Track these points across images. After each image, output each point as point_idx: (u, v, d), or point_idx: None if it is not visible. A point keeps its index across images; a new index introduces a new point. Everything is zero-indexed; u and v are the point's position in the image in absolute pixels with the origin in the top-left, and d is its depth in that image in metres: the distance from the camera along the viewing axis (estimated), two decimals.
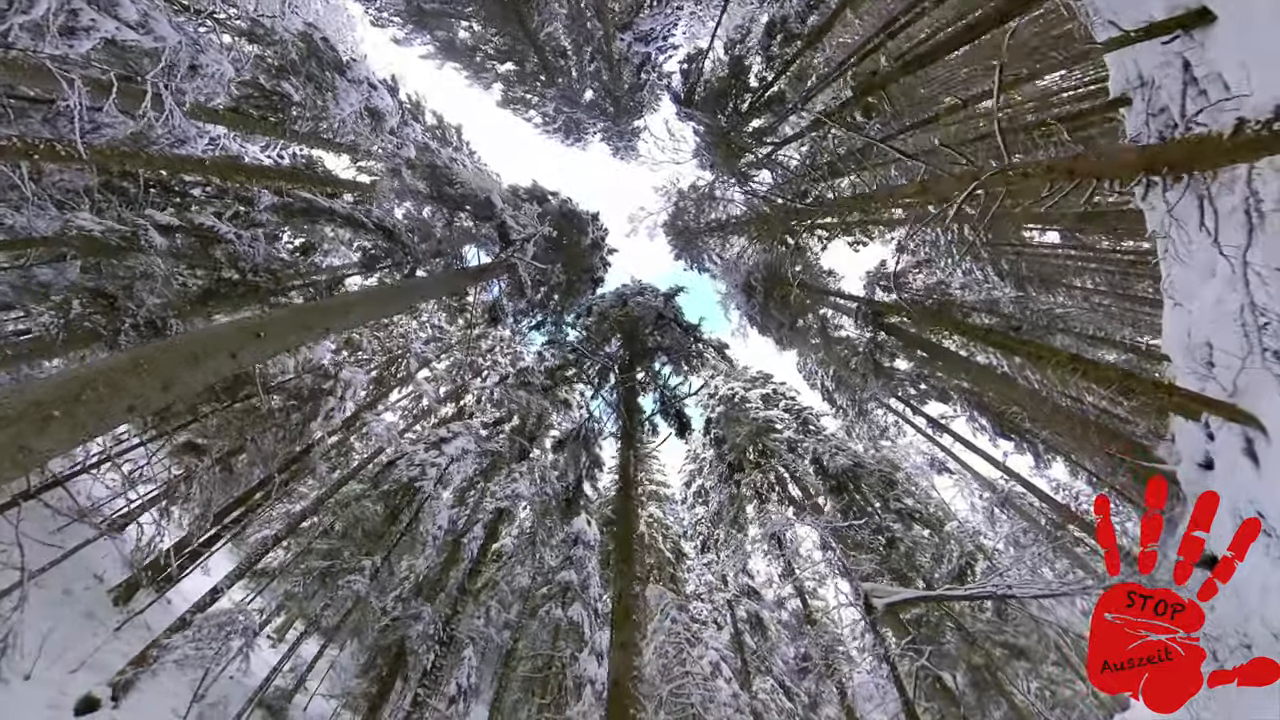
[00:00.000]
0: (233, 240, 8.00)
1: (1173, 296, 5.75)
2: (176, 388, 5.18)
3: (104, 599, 10.52)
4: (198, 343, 6.37)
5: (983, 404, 14.14)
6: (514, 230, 9.43)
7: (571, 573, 13.60)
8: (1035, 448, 13.51)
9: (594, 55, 12.90)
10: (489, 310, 10.83)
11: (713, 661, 14.66)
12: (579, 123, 13.84)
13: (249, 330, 6.25)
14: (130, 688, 9.12)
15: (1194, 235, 4.60)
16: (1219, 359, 4.74)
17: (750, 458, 13.39)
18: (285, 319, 6.59)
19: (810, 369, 16.77)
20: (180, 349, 6.19)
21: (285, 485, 14.41)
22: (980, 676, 12.82)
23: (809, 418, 15.35)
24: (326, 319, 7.09)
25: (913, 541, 13.97)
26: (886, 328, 14.31)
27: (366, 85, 12.31)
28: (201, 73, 10.62)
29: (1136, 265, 11.79)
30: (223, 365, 5.78)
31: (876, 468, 15.27)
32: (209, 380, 6.16)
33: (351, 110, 11.43)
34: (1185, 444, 5.77)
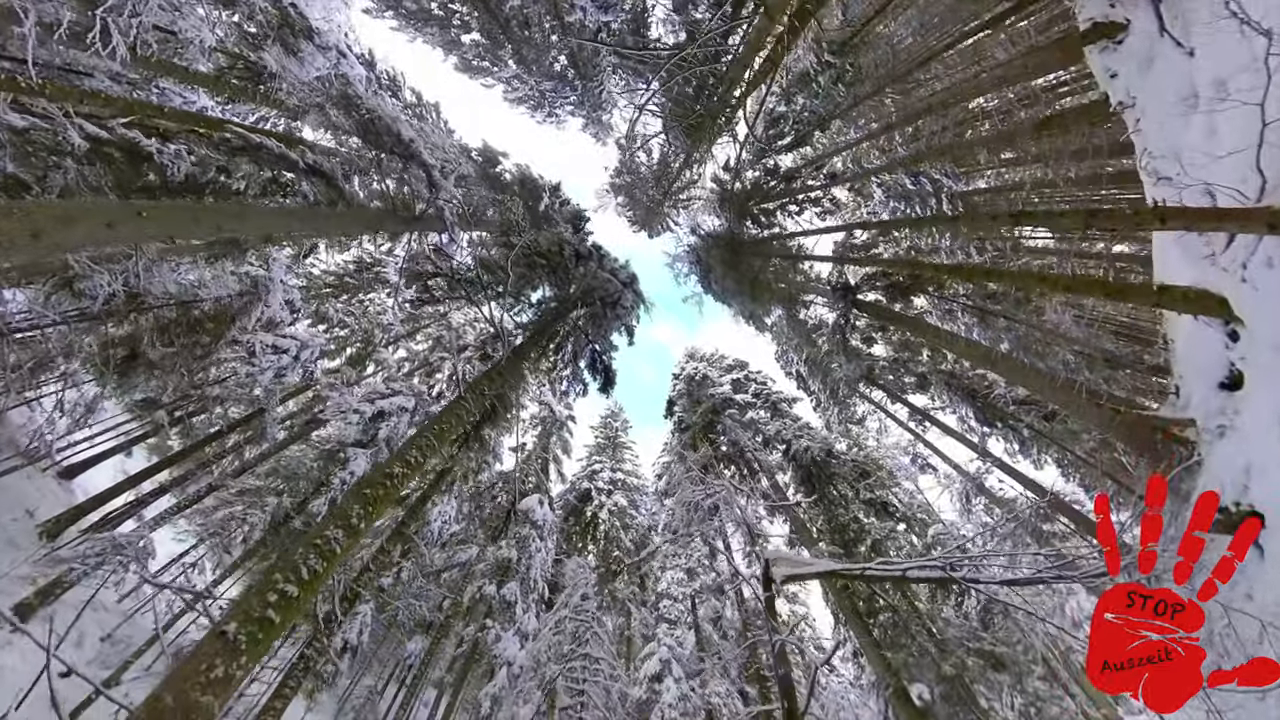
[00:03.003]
0: (155, 154, 8.14)
1: (1154, 170, 4.86)
2: (45, 240, 5.22)
3: (31, 532, 10.57)
4: (76, 206, 6.51)
5: (963, 388, 13.03)
6: (434, 168, 9.31)
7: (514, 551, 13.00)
8: (1019, 434, 12.28)
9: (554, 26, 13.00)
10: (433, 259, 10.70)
11: (663, 659, 13.64)
12: (545, 94, 13.91)
13: (131, 208, 6.31)
14: (32, 613, 9.01)
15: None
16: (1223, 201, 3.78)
17: (705, 434, 12.63)
18: (173, 207, 6.61)
19: (786, 356, 15.98)
20: (55, 207, 6.32)
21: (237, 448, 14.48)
22: (954, 690, 11.40)
23: (778, 402, 14.51)
24: (218, 218, 7.06)
25: (885, 534, 12.77)
26: (859, 304, 13.51)
27: (335, 52, 12.70)
28: (180, 38, 11.19)
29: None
30: (98, 232, 5.92)
31: (850, 457, 14.21)
32: (83, 242, 6.17)
33: (317, 75, 11.75)
34: (1196, 362, 4.85)
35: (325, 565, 4.59)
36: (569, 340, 10.49)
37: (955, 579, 4.78)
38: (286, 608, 4.16)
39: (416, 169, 9.49)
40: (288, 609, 4.18)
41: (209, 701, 3.40)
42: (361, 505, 5.10)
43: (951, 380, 13.23)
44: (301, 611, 4.58)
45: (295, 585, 4.27)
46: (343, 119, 8.98)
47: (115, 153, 8.59)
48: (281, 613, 4.11)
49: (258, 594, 4.20)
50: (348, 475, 9.74)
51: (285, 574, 4.33)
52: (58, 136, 8.02)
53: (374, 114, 8.95)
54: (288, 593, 4.20)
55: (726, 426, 12.58)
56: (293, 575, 4.33)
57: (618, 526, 16.39)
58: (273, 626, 4.04)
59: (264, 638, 3.98)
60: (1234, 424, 4.26)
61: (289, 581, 4.26)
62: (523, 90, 13.90)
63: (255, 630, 3.92)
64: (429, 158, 9.31)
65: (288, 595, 4.19)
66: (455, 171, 9.19)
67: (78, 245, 5.78)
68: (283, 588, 4.20)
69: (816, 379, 14.63)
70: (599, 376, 9.66)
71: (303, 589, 4.35)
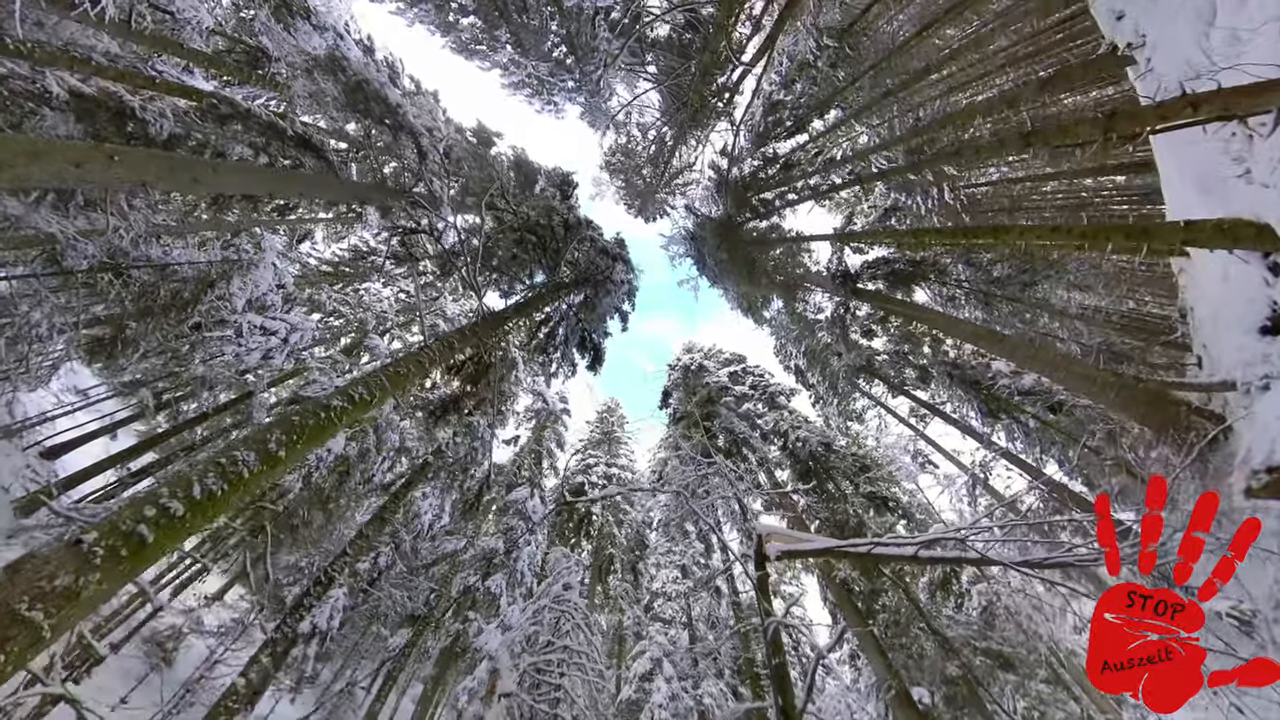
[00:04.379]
0: (138, 110, 7.99)
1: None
2: (8, 172, 5.10)
3: (7, 508, 10.33)
4: (44, 143, 6.38)
5: (965, 379, 12.63)
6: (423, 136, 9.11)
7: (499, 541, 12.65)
8: (1024, 425, 11.85)
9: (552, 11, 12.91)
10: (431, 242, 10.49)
11: (654, 658, 13.19)
12: (543, 79, 13.81)
13: (103, 150, 6.13)
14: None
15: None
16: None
17: (700, 423, 12.29)
18: (147, 154, 6.45)
19: (785, 350, 15.65)
20: (23, 141, 6.17)
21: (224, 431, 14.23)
22: (958, 692, 10.89)
23: (776, 394, 14.17)
24: (194, 170, 6.90)
25: (884, 529, 12.33)
26: (859, 293, 13.21)
27: (333, 33, 12.63)
28: (178, 17, 11.17)
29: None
30: (65, 171, 5.79)
31: (850, 451, 13.81)
32: (49, 179, 6.02)
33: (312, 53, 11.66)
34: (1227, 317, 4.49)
35: (226, 489, 4.01)
36: (560, 325, 10.22)
37: (969, 559, 4.38)
38: (167, 527, 3.63)
39: (406, 139, 9.32)
40: (168, 529, 3.64)
41: (36, 617, 2.84)
42: (285, 432, 4.59)
43: (954, 371, 12.84)
44: (186, 535, 3.94)
45: (183, 505, 3.72)
46: (331, 86, 8.83)
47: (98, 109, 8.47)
48: (158, 532, 3.56)
49: (134, 507, 3.61)
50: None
51: (174, 489, 3.79)
52: (36, 84, 7.90)
53: (360, 78, 8.79)
54: (171, 511, 3.65)
55: (722, 415, 12.24)
56: (182, 492, 3.78)
57: (611, 522, 15.99)
58: (144, 546, 3.49)
59: (129, 556, 3.40)
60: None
61: (176, 498, 3.71)
62: (520, 75, 13.80)
63: (120, 545, 3.34)
64: (417, 125, 9.13)
65: (171, 514, 3.65)
66: (445, 141, 8.97)
67: (43, 181, 5.63)
68: (167, 504, 3.65)
69: (815, 371, 14.29)
70: (588, 354, 9.37)
71: (192, 510, 3.79)
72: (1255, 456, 4.22)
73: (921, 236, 7.52)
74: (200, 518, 3.90)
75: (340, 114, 9.44)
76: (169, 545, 3.76)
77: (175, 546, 4.31)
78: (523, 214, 8.63)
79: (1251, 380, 4.46)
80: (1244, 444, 4.48)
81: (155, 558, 3.72)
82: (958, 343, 12.22)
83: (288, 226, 14.64)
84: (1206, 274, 5.44)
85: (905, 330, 13.87)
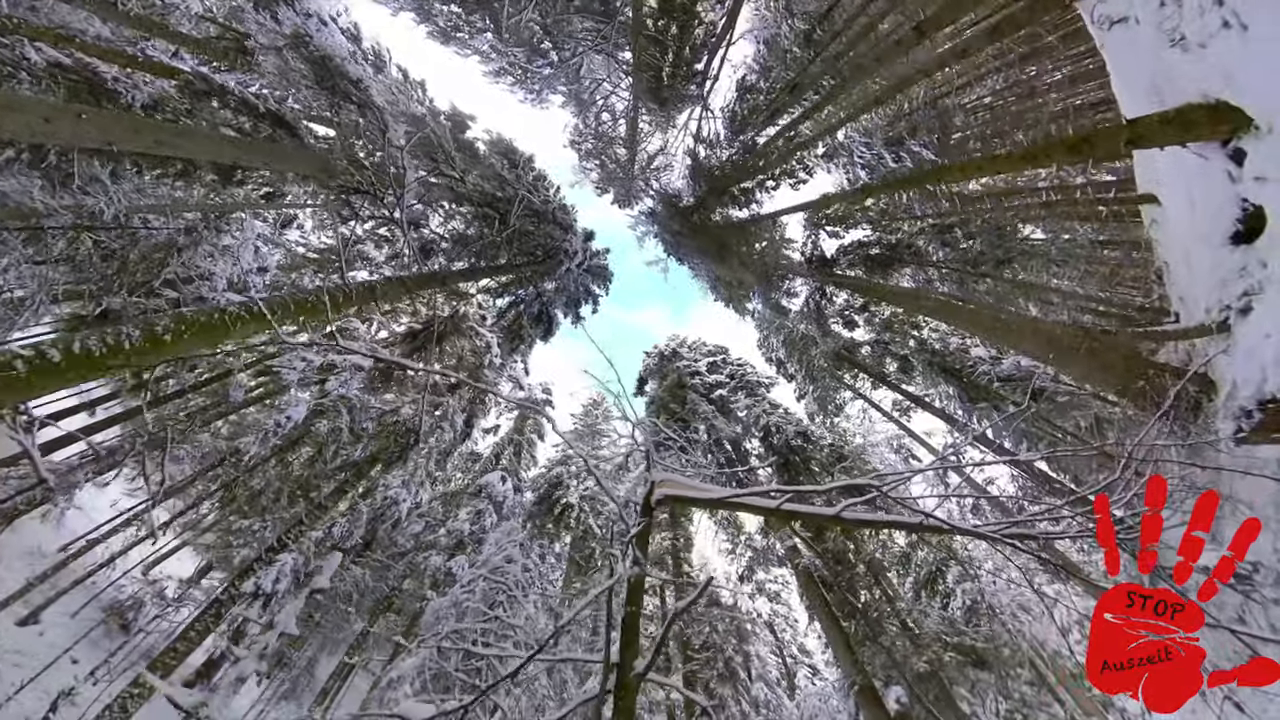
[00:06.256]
0: (112, 81, 8.23)
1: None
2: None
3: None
4: (15, 96, 6.67)
5: (945, 367, 12.23)
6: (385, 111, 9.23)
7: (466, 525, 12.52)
8: (1004, 413, 11.37)
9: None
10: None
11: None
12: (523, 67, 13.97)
13: (72, 109, 6.44)
14: None
15: None
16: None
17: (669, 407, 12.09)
18: (115, 115, 6.72)
19: (768, 342, 15.41)
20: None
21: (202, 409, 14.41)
22: (928, 689, 10.32)
23: (755, 384, 13.90)
24: (159, 133, 7.10)
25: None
26: (837, 280, 12.96)
27: (316, 20, 12.97)
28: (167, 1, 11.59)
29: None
30: (35, 124, 6.04)
31: (827, 443, 13.41)
32: (18, 132, 6.28)
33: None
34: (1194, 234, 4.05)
35: (102, 353, 4.67)
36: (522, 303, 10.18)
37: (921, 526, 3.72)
38: (41, 370, 4.33)
39: (372, 115, 9.47)
40: (42, 371, 4.34)
41: None
42: (175, 321, 5.20)
43: (934, 359, 12.45)
44: (60, 383, 4.68)
45: (61, 354, 4.46)
46: (300, 64, 9.04)
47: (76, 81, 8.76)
48: (32, 372, 4.25)
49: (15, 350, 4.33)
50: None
51: (56, 343, 4.56)
52: (15, 50, 8.20)
53: (322, 53, 8.99)
54: (49, 356, 4.40)
55: (690, 400, 12.01)
56: (63, 345, 4.54)
57: (588, 512, 15.73)
58: (16, 380, 4.19)
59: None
60: (1263, 281, 3.42)
61: (56, 348, 4.49)
62: (501, 62, 13.98)
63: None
64: (379, 100, 9.27)
65: (47, 358, 4.39)
66: (407, 113, 9.08)
67: (14, 133, 5.96)
68: (46, 350, 4.44)
69: (794, 360, 14.01)
70: (540, 325, 9.28)
71: (69, 362, 4.50)
72: (1242, 391, 3.65)
73: (892, 186, 7.32)
74: (74, 371, 4.59)
75: (309, 91, 9.63)
76: (40, 385, 4.49)
77: (47, 388, 4.82)
78: (479, 187, 8.66)
79: (1230, 305, 3.94)
80: (1228, 381, 3.97)
81: (26, 393, 4.53)
82: (934, 324, 11.87)
83: (275, 213, 14.96)
84: (1175, 211, 5.00)
85: (886, 319, 13.53)
